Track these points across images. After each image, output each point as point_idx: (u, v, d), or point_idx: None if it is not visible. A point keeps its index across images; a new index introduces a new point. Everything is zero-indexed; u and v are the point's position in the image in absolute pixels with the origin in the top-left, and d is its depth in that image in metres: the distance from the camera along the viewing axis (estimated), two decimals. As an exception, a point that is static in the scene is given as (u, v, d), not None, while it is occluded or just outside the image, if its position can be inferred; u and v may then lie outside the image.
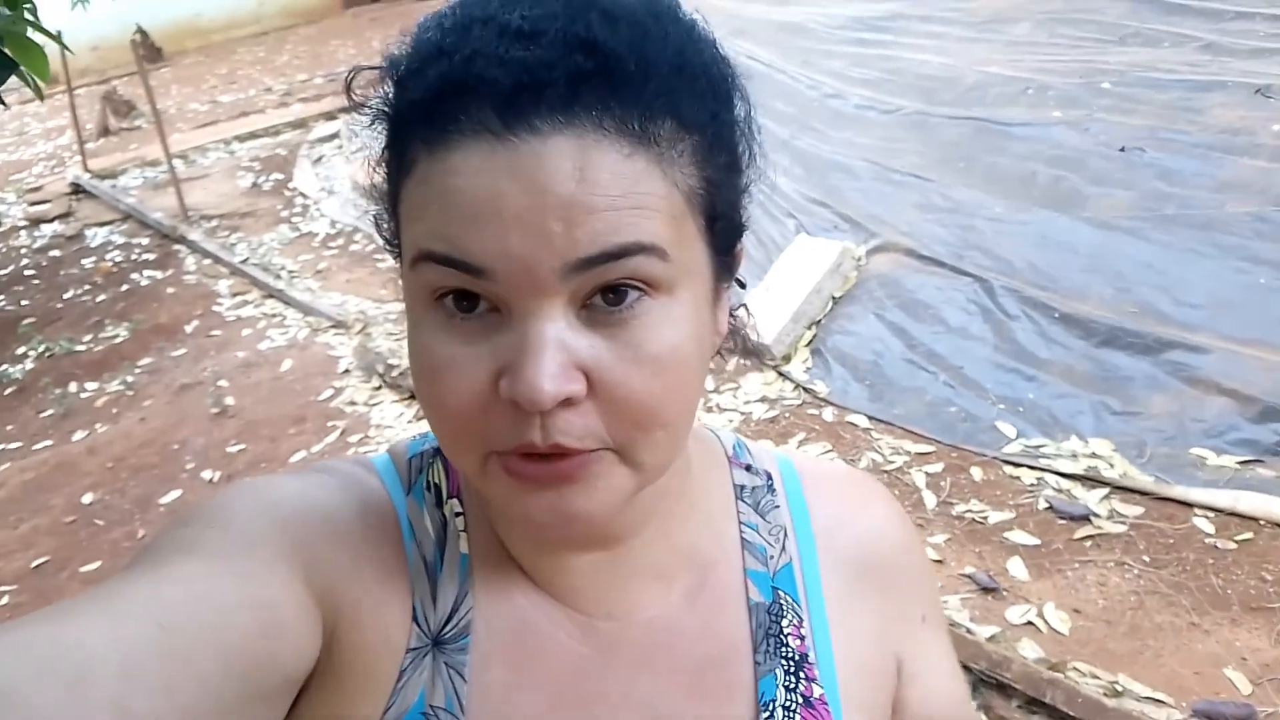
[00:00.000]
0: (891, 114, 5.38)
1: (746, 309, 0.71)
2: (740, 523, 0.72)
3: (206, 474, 4.05)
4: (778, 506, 0.73)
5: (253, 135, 8.91)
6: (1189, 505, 3.23)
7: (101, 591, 0.54)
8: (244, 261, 6.00)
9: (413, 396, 4.33)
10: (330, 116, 8.90)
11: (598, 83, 0.51)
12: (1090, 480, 3.36)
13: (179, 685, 0.50)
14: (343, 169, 7.21)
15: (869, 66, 5.99)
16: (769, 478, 0.74)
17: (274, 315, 5.33)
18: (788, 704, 0.67)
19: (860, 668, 0.70)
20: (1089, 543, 3.11)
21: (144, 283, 6.15)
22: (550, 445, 0.53)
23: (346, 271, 5.79)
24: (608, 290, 0.52)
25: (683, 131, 0.54)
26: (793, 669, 0.68)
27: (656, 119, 0.52)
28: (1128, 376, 3.70)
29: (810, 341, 4.25)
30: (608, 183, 0.50)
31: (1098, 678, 2.60)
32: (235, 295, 5.68)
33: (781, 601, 0.70)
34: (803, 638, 0.69)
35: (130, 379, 4.94)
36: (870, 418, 3.76)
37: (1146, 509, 3.22)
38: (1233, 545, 3.05)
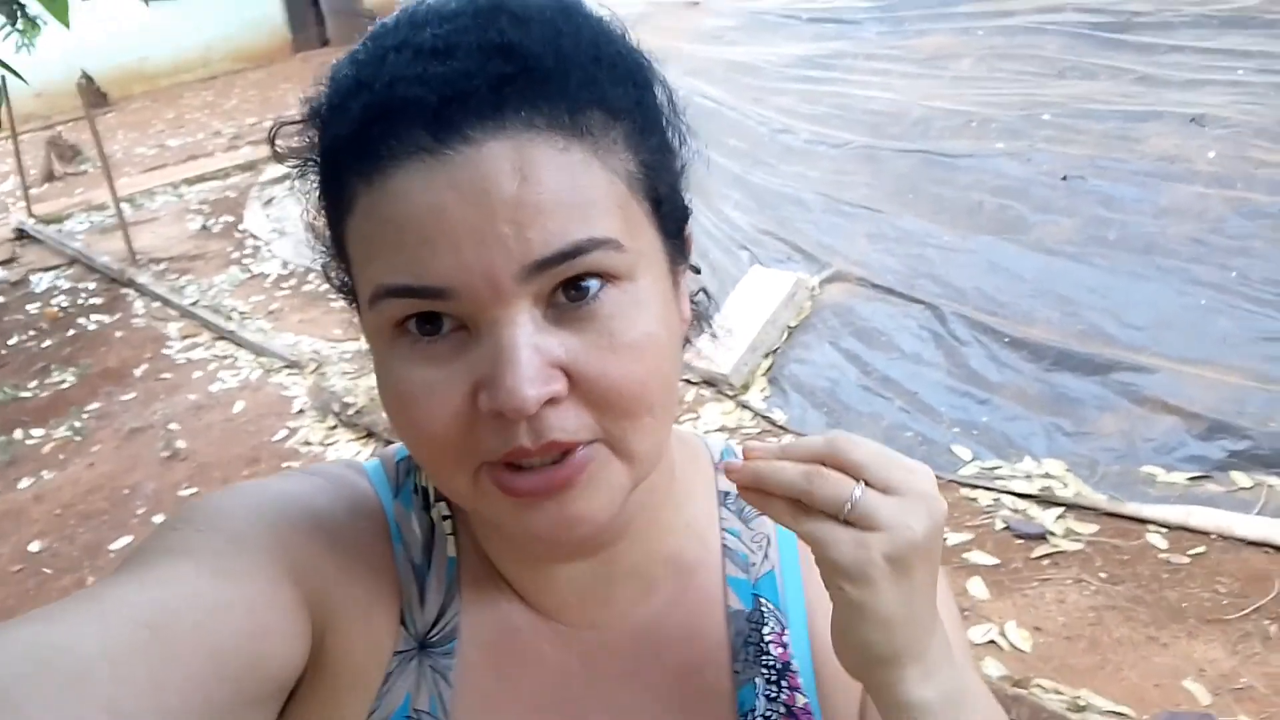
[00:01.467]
0: (840, 148, 5.48)
1: (706, 293, 0.70)
2: (723, 529, 0.71)
3: (158, 518, 3.96)
4: (760, 515, 0.71)
5: (201, 178, 8.84)
6: (1142, 522, 3.29)
7: (91, 593, 0.53)
8: (194, 304, 5.93)
9: (370, 435, 4.29)
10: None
11: (521, 83, 0.51)
12: (1045, 500, 3.41)
13: (170, 686, 0.49)
14: (294, 210, 7.14)
15: (818, 103, 6.10)
16: None
17: (225, 357, 5.26)
18: (768, 713, 0.66)
19: (843, 675, 0.67)
20: (1047, 561, 3.15)
21: (91, 327, 6.04)
22: (544, 444, 0.52)
23: (299, 312, 5.75)
24: (569, 285, 0.52)
25: (611, 119, 0.54)
26: (775, 677, 0.67)
27: (584, 110, 0.53)
28: (1077, 398, 3.77)
29: (767, 370, 4.28)
30: (549, 179, 0.51)
31: (1061, 694, 2.62)
32: (185, 338, 5.60)
33: (763, 609, 0.68)
34: (785, 645, 0.68)
35: (78, 424, 4.84)
36: (829, 444, 3.78)
37: (1101, 526, 3.28)
38: (1186, 559, 3.11)
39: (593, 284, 0.52)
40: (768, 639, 0.68)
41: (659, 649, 0.67)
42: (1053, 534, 3.26)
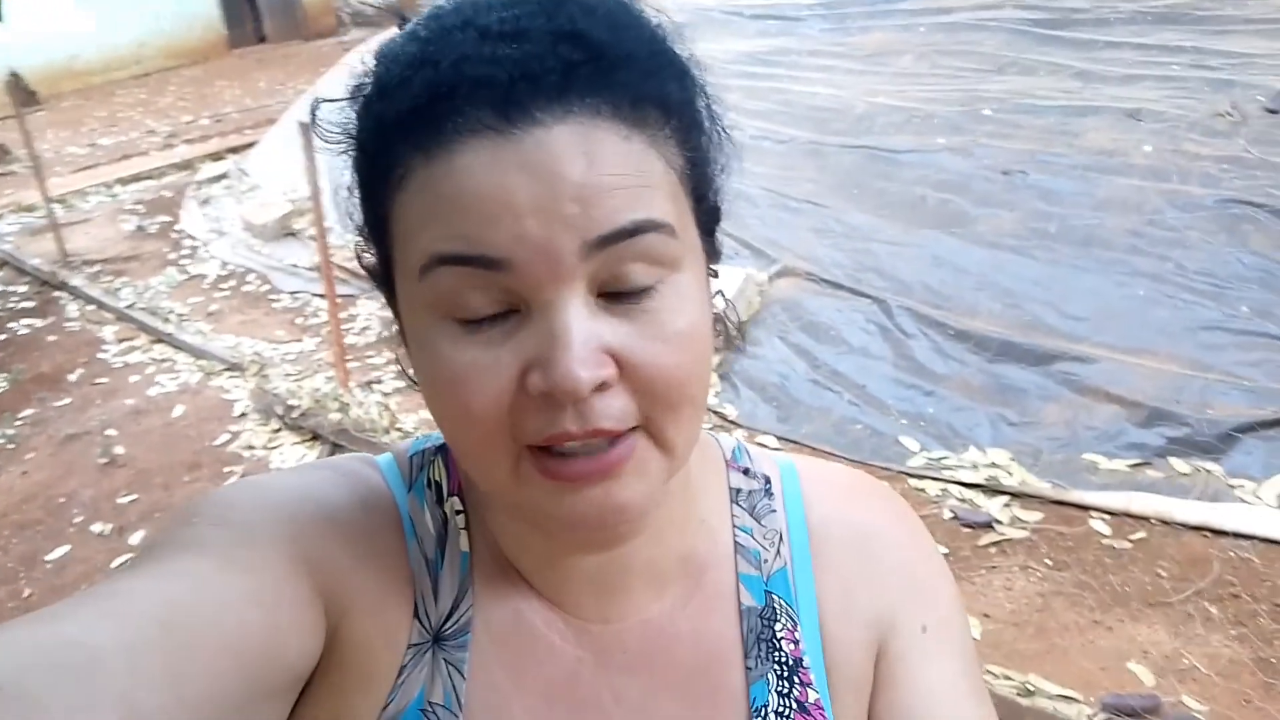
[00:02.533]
0: (786, 144, 5.52)
1: (723, 295, 0.71)
2: (735, 526, 0.71)
3: (96, 527, 3.86)
4: (774, 511, 0.72)
5: (136, 178, 8.63)
6: (1085, 509, 3.36)
7: (105, 589, 0.53)
8: (130, 306, 5.78)
9: (316, 437, 4.23)
10: (218, 157, 8.69)
11: (588, 71, 0.52)
12: (991, 489, 3.47)
13: (185, 681, 0.49)
14: (233, 209, 7.04)
15: (763, 99, 6.15)
16: (767, 481, 0.73)
17: (163, 360, 5.15)
18: (781, 709, 0.67)
19: (852, 673, 0.69)
20: (994, 549, 3.21)
21: (22, 331, 5.87)
22: (590, 430, 0.52)
23: (239, 313, 5.64)
24: (626, 294, 0.53)
25: (665, 114, 0.55)
26: (786, 674, 0.68)
27: (645, 102, 0.54)
28: (1021, 388, 3.84)
29: (718, 366, 4.30)
30: (615, 164, 0.51)
31: (1010, 679, 2.67)
32: (121, 341, 5.47)
33: (775, 605, 0.69)
34: (797, 642, 0.68)
35: (10, 431, 4.70)
36: (780, 438, 3.81)
37: (1046, 514, 3.34)
38: (1128, 545, 3.18)
39: (645, 275, 0.53)
40: (780, 636, 0.68)
41: (671, 645, 0.68)
42: (999, 522, 3.31)
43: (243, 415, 4.49)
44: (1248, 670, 2.69)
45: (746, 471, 0.74)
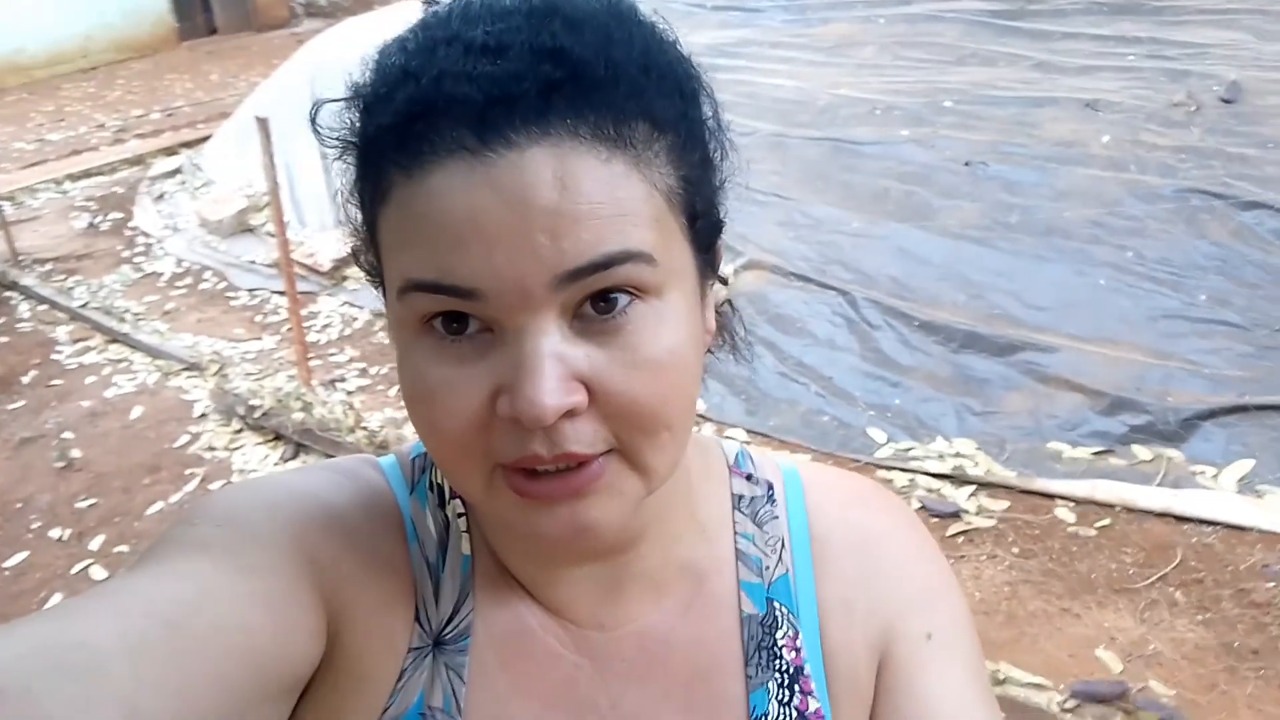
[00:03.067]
0: (750, 136, 5.52)
1: (730, 304, 0.71)
2: (736, 533, 0.70)
3: (55, 532, 3.79)
4: (776, 517, 0.71)
5: (86, 174, 8.44)
6: (1050, 497, 3.41)
7: (108, 589, 0.53)
8: (84, 306, 5.67)
9: (278, 437, 4.18)
10: (171, 152, 8.53)
11: (569, 90, 0.51)
12: (958, 479, 3.50)
13: (189, 684, 0.50)
14: (188, 205, 6.92)
15: (725, 91, 6.02)
16: (770, 488, 0.73)
17: (120, 360, 5.05)
18: (781, 717, 0.67)
19: (854, 682, 0.68)
20: (961, 538, 3.24)
21: (-29, 333, 5.74)
22: (559, 455, 0.52)
23: (197, 311, 5.55)
24: (598, 299, 0.52)
25: (656, 132, 0.54)
26: (787, 682, 0.67)
27: (630, 121, 0.52)
28: (985, 378, 3.88)
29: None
30: (589, 190, 0.50)
31: (980, 667, 2.70)
32: (76, 341, 5.36)
33: (776, 613, 0.68)
34: (798, 650, 0.68)
35: (-39, 436, 4.60)
36: (749, 431, 3.83)
37: (1012, 503, 3.38)
38: (1093, 532, 3.23)
39: (621, 298, 0.52)
40: (781, 643, 0.68)
41: (670, 652, 0.67)
42: (966, 512, 3.35)
43: (203, 416, 4.42)
44: (1213, 655, 2.74)
45: (749, 477, 0.73)
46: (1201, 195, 4.34)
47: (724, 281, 0.67)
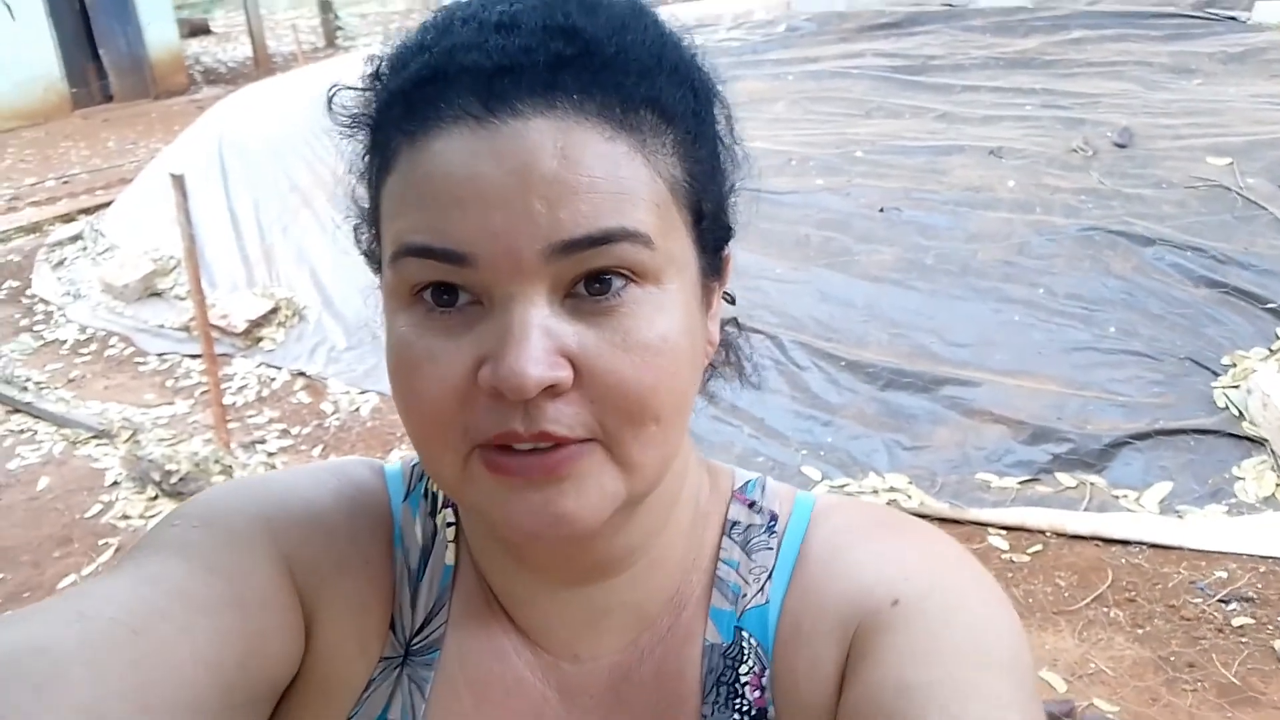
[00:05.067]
0: (668, 188, 5.64)
1: (738, 324, 0.69)
2: (720, 559, 0.66)
3: (-47, 612, 3.57)
4: (770, 548, 0.65)
5: (-22, 243, 8.15)
6: (983, 525, 3.49)
7: (76, 592, 0.53)
8: (-20, 377, 5.43)
9: (197, 502, 4.03)
10: (69, 219, 8.29)
11: (578, 67, 0.51)
12: (895, 513, 3.56)
13: (153, 690, 0.49)
14: (90, 271, 6.71)
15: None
16: (773, 518, 0.67)
17: (22, 431, 4.83)
18: None
19: (810, 700, 0.59)
20: (902, 571, 3.29)
21: None
22: (536, 433, 0.50)
23: (104, 378, 5.36)
24: (591, 280, 0.51)
25: (664, 122, 0.54)
26: None
27: (638, 107, 0.53)
28: (912, 414, 3.98)
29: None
30: (590, 163, 0.50)
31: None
32: (-28, 414, 5.12)
33: (743, 644, 0.63)
34: (764, 689, 0.62)
35: None
36: (684, 475, 3.83)
37: (947, 533, 3.45)
38: (1027, 558, 3.32)
39: (616, 282, 0.51)
40: (744, 679, 0.62)
41: (635, 687, 0.64)
42: (905, 544, 3.40)
43: (115, 484, 4.24)
44: (1151, 668, 2.83)
45: (752, 505, 0.68)
46: (1104, 233, 4.56)
47: (731, 300, 0.65)
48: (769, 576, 0.64)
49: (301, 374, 5.11)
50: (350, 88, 0.59)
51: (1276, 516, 3.39)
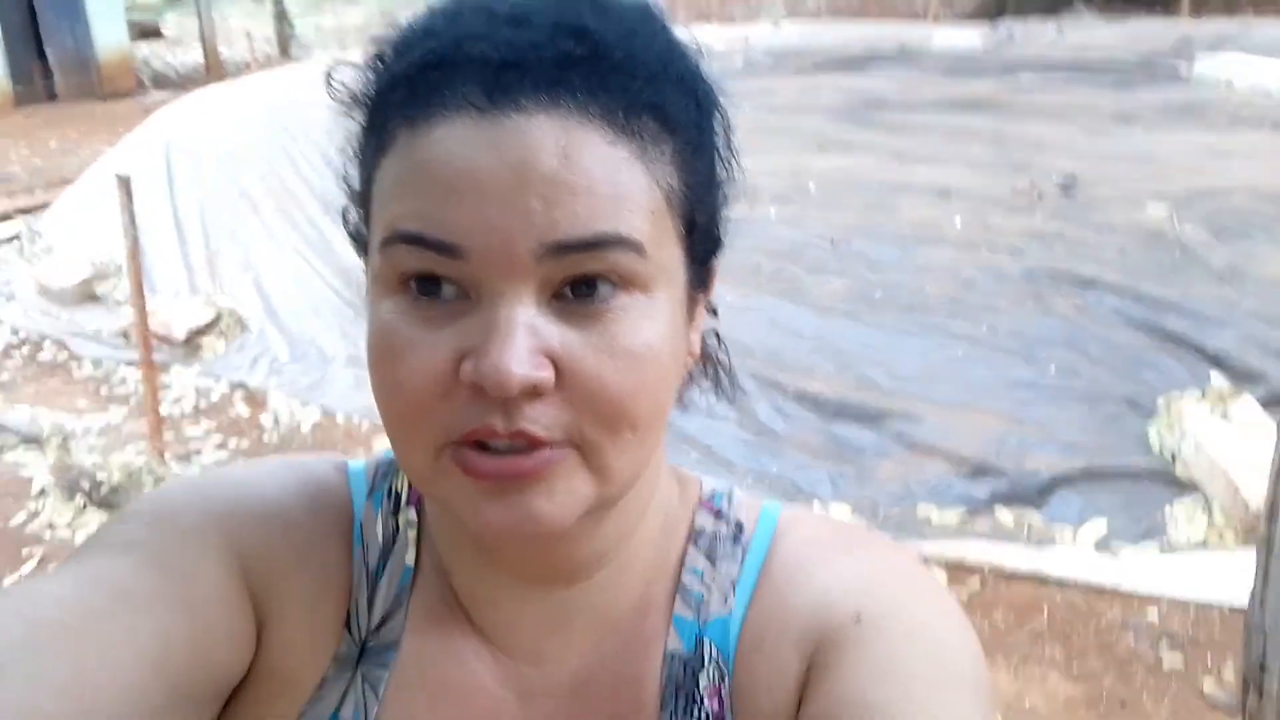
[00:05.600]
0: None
1: (718, 336, 0.69)
2: (684, 567, 0.65)
3: None
4: (735, 557, 0.65)
5: (-93, 240, 7.90)
6: (924, 560, 3.51)
7: (18, 591, 0.53)
8: (-98, 377, 5.25)
9: (127, 513, 3.91)
10: (5, 217, 8.07)
11: (585, 68, 0.51)
12: (837, 544, 3.57)
13: (95, 690, 0.49)
14: (25, 272, 6.53)
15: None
16: (739, 528, 0.66)
17: (-55, 435, 4.67)
18: None
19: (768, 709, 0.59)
20: (843, 602, 3.29)
21: None
22: (514, 431, 0.50)
23: (35, 383, 5.21)
24: (580, 283, 0.51)
25: (666, 132, 0.53)
26: None
27: (641, 114, 0.52)
28: (857, 446, 4.01)
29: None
30: (590, 166, 0.50)
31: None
32: (-108, 416, 4.93)
33: (705, 654, 0.62)
34: (723, 700, 0.61)
35: None
36: (628, 500, 3.82)
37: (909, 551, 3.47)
38: (965, 595, 3.35)
39: (604, 288, 0.51)
40: (703, 689, 0.62)
41: (594, 695, 0.63)
42: (846, 576, 3.41)
43: (42, 493, 4.11)
44: (1084, 707, 2.86)
45: (718, 514, 0.67)
46: (1047, 275, 4.66)
47: (714, 312, 0.65)
48: (733, 587, 0.64)
49: (242, 385, 5.01)
50: (352, 65, 0.58)
51: (1207, 559, 3.47)
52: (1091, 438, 3.96)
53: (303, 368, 5.03)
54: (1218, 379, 4.20)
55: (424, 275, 0.51)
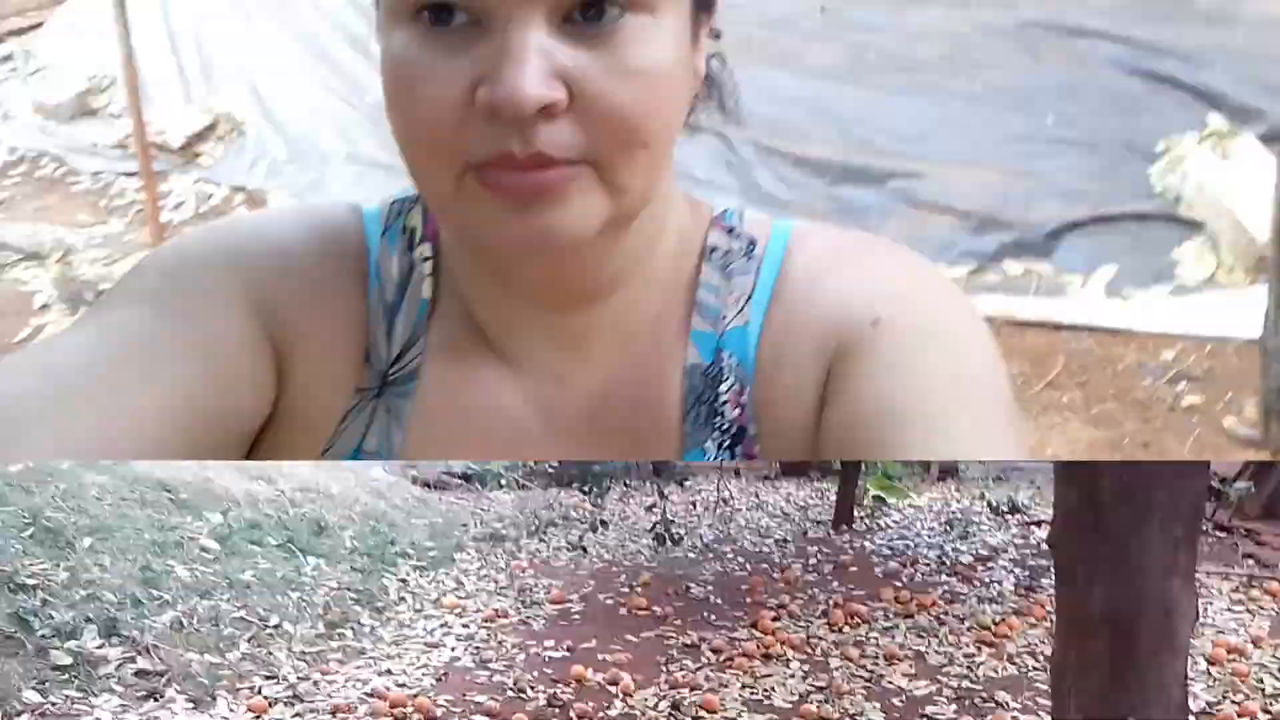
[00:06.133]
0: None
1: (721, 58, 0.60)
2: (699, 283, 0.59)
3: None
4: (748, 271, 0.59)
5: (-96, 70, 6.97)
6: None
7: (40, 345, 0.55)
8: (-95, 202, 4.58)
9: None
10: (-3, 43, 7.11)
11: None
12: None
13: (117, 437, 0.46)
14: (20, 91, 5.71)
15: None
16: (751, 243, 0.60)
17: (-52, 255, 4.07)
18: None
19: (788, 419, 0.56)
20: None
21: None
22: (531, 154, 0.45)
23: (34, 199, 4.56)
24: (588, 6, 0.45)
25: None
26: (727, 444, 0.57)
27: None
28: (862, 208, 3.51)
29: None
30: None
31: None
32: (-102, 239, 4.30)
33: (723, 364, 0.57)
34: (743, 407, 0.57)
35: None
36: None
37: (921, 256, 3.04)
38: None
39: (612, 10, 0.46)
40: (723, 397, 0.57)
41: (616, 407, 0.58)
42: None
43: (45, 307, 3.57)
44: (1107, 450, 2.53)
45: (731, 231, 0.60)
46: (1039, 28, 3.97)
47: (717, 35, 0.57)
48: (748, 299, 0.58)
49: (241, 189, 4.38)
50: None
51: (1217, 296, 3.00)
52: (1094, 185, 3.42)
53: (301, 166, 4.39)
54: (1215, 119, 3.60)
55: (436, 4, 0.46)
